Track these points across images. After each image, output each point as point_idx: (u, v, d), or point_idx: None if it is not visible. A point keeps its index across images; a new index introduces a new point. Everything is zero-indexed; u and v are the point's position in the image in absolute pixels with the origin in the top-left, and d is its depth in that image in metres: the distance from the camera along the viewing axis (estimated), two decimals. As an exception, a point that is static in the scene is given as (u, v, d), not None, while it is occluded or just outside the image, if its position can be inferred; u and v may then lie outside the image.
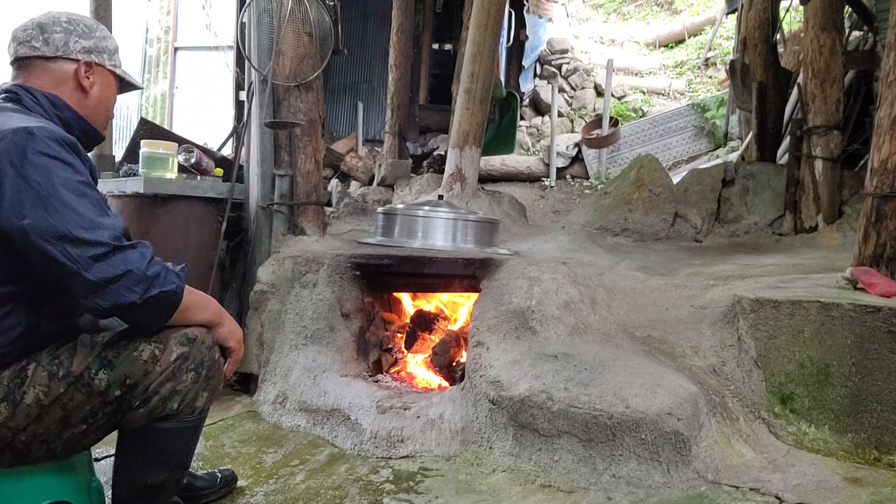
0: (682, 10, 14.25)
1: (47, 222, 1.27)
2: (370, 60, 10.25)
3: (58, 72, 1.52)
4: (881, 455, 2.14)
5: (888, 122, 2.66)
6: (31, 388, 1.38)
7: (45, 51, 1.51)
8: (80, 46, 1.54)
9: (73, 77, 1.54)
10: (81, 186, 1.33)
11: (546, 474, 2.07)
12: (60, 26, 1.53)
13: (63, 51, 1.52)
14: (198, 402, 1.53)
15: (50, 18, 1.53)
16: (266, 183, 3.39)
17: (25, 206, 1.27)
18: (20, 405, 1.37)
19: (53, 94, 1.51)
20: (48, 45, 1.51)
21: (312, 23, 3.38)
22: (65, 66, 1.53)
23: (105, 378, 1.42)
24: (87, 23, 1.58)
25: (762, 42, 5.87)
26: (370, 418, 2.48)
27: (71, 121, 1.53)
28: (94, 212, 1.33)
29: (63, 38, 1.52)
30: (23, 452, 1.43)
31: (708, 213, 4.86)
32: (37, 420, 1.40)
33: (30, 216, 1.27)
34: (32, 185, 1.28)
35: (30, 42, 1.51)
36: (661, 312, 2.84)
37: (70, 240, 1.28)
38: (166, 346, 1.46)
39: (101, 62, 1.58)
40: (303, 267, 3.06)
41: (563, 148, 8.90)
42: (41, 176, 1.29)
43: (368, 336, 3.09)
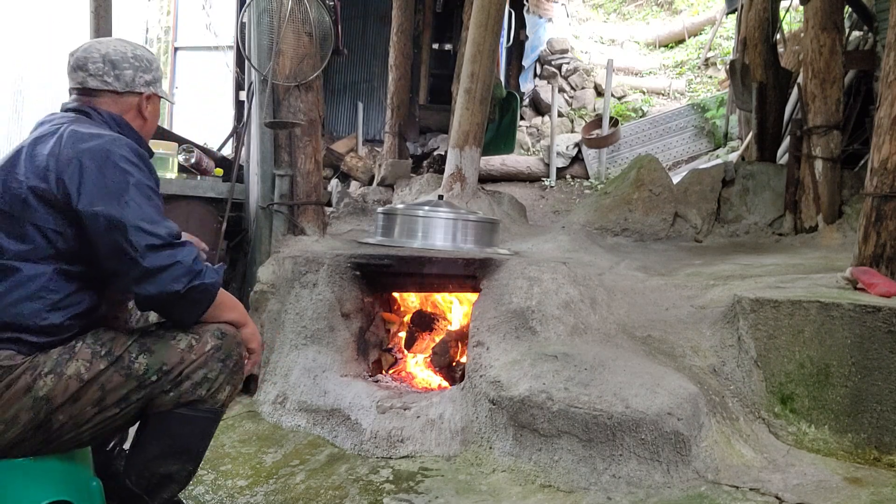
0: (682, 10, 14.24)
1: (117, 211, 1.45)
2: (370, 60, 10.24)
3: (125, 103, 1.71)
4: (881, 455, 2.14)
5: (888, 122, 2.66)
6: (74, 361, 1.49)
7: (117, 86, 1.69)
8: (143, 80, 1.73)
9: (136, 107, 1.73)
10: (149, 191, 1.53)
11: (546, 474, 2.07)
12: (129, 63, 1.70)
13: (131, 86, 1.70)
14: (220, 394, 1.62)
15: (119, 55, 1.69)
16: (266, 183, 3.39)
17: (101, 197, 1.46)
18: (63, 377, 1.46)
19: (118, 114, 1.69)
20: (119, 81, 1.69)
21: (312, 23, 3.38)
22: (131, 99, 1.72)
23: (144, 363, 1.53)
24: (147, 56, 1.77)
25: (762, 42, 5.87)
26: (370, 418, 2.47)
27: (136, 140, 1.70)
28: (156, 212, 1.51)
29: (132, 74, 1.70)
30: (53, 435, 1.48)
31: (708, 213, 4.86)
32: (73, 399, 1.47)
33: (102, 205, 1.45)
34: (109, 182, 1.48)
35: (102, 77, 1.67)
36: (661, 312, 2.84)
37: (133, 228, 1.45)
38: (202, 337, 1.60)
39: (156, 91, 1.77)
40: (303, 267, 3.06)
41: (563, 148, 8.90)
42: (118, 176, 1.49)
43: (368, 336, 3.09)
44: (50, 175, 1.47)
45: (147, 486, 1.60)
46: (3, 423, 1.43)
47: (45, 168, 1.48)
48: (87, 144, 1.50)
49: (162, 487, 1.62)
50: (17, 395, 1.43)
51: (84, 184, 1.46)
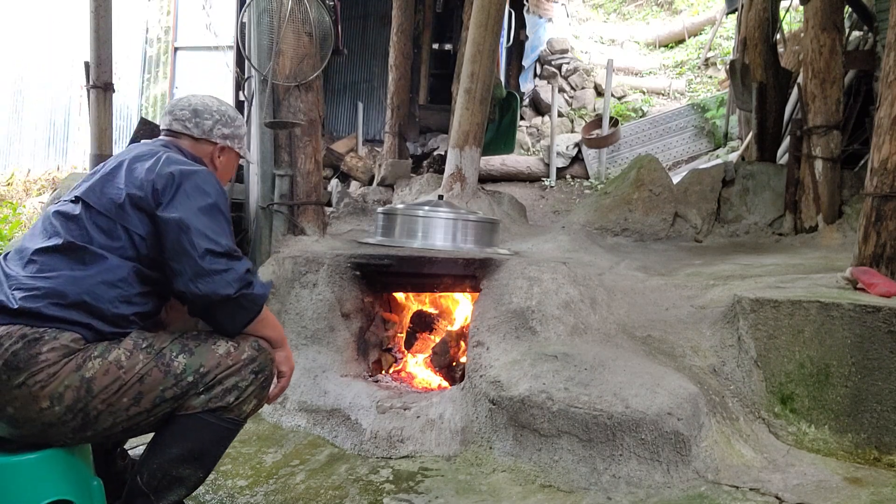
0: (682, 10, 14.25)
1: (189, 220, 1.60)
2: (370, 60, 10.25)
3: (200, 149, 1.90)
4: (881, 455, 2.14)
5: (888, 122, 2.66)
6: (117, 348, 1.58)
7: (195, 132, 1.89)
8: (221, 133, 1.92)
9: (210, 154, 1.92)
10: (221, 213, 1.68)
11: (546, 474, 2.07)
12: (210, 114, 1.90)
13: (208, 135, 1.90)
14: (246, 405, 1.68)
15: (204, 106, 1.91)
16: (266, 183, 3.39)
17: (181, 206, 1.63)
18: (105, 360, 1.54)
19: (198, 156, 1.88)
20: (198, 129, 1.89)
21: (312, 23, 3.38)
22: (206, 146, 1.91)
23: (184, 362, 1.61)
24: (231, 114, 1.96)
25: (762, 42, 5.87)
26: (370, 418, 2.47)
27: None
28: (223, 228, 1.66)
29: (210, 125, 1.90)
30: (90, 421, 1.53)
31: (708, 213, 4.86)
32: (115, 391, 1.54)
33: (181, 213, 1.61)
34: (192, 197, 1.65)
35: (184, 122, 1.88)
36: (661, 312, 2.84)
37: (197, 232, 1.59)
38: (240, 346, 1.68)
39: (232, 146, 1.96)
40: (303, 267, 3.06)
41: (563, 148, 8.90)
42: (199, 195, 1.66)
43: (368, 336, 3.09)
44: (146, 185, 1.64)
45: (157, 487, 1.62)
46: (51, 399, 1.47)
47: (144, 179, 1.65)
48: (182, 167, 1.69)
49: (171, 489, 1.64)
50: (70, 371, 1.49)
51: (173, 195, 1.64)
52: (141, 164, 1.70)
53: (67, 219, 1.64)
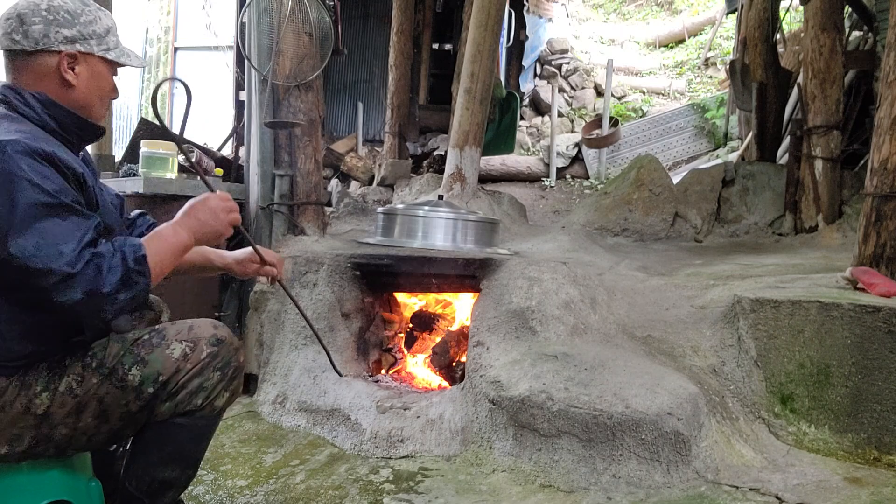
0: (682, 10, 14.24)
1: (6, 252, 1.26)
2: (370, 60, 10.24)
3: (40, 66, 1.44)
4: (881, 455, 2.13)
5: (888, 122, 2.66)
6: (66, 377, 1.43)
7: (26, 44, 1.41)
8: (62, 37, 1.43)
9: (56, 70, 1.44)
10: (40, 209, 1.28)
11: (546, 474, 2.07)
12: (39, 16, 1.41)
13: (43, 43, 1.42)
14: (218, 401, 1.58)
15: (30, 7, 1.42)
16: (266, 183, 3.39)
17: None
18: (56, 393, 1.42)
19: (42, 92, 1.44)
20: (28, 38, 1.41)
21: (312, 23, 3.38)
22: (47, 60, 1.43)
23: (138, 374, 1.48)
24: (70, 7, 1.45)
25: (762, 42, 5.87)
26: (370, 418, 2.48)
27: (64, 118, 1.47)
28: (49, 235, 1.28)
29: (42, 29, 1.41)
30: (64, 446, 1.47)
31: (708, 213, 4.86)
32: (76, 413, 1.44)
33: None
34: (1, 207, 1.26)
35: (10, 35, 1.42)
36: (661, 312, 2.84)
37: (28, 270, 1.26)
38: (197, 346, 1.53)
39: (87, 50, 1.47)
40: (303, 267, 3.06)
41: (563, 148, 8.89)
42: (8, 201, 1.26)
43: (368, 336, 3.09)
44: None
45: (147, 491, 1.60)
46: (9, 444, 1.42)
47: None
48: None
49: (162, 492, 1.61)
50: (17, 415, 1.39)
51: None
52: None
53: None
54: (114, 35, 1.55)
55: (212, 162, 3.59)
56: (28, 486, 1.49)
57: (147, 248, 1.37)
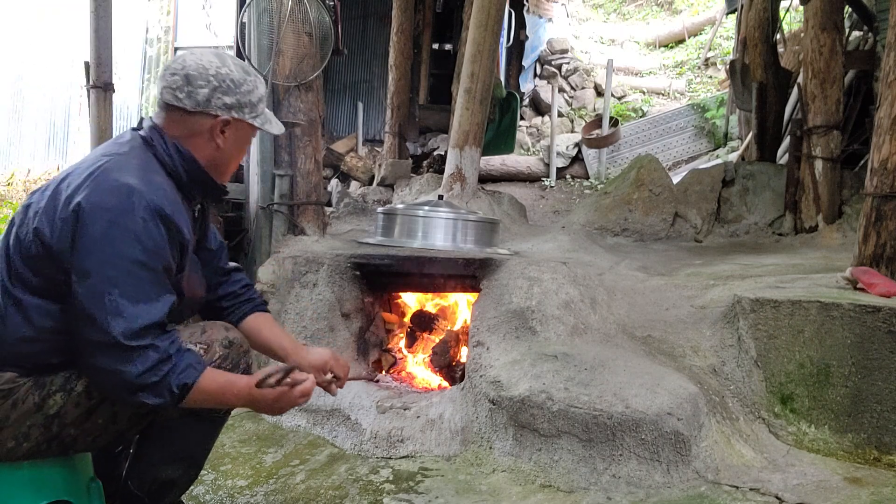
0: (682, 10, 14.24)
1: (82, 290, 1.33)
2: (370, 60, 10.24)
3: (194, 125, 1.52)
4: (881, 455, 2.13)
5: (888, 122, 2.66)
6: (84, 378, 1.43)
7: (187, 104, 1.49)
8: (222, 103, 1.52)
9: (209, 131, 1.53)
10: (135, 267, 1.35)
11: (546, 474, 2.07)
12: (206, 81, 1.49)
13: (204, 107, 1.50)
14: None
15: (198, 69, 1.49)
16: (266, 183, 3.39)
17: (78, 265, 1.33)
18: (72, 394, 1.42)
19: (186, 148, 1.52)
20: (190, 99, 1.49)
21: (312, 23, 3.38)
22: (202, 121, 1.52)
23: None
24: (235, 76, 1.53)
25: (762, 42, 5.87)
26: (370, 418, 2.48)
27: (197, 176, 1.54)
28: (128, 297, 1.33)
29: (207, 94, 1.50)
30: (68, 445, 1.47)
31: (708, 213, 4.86)
32: (87, 414, 1.44)
33: (77, 275, 1.33)
34: (93, 249, 1.33)
35: (175, 91, 1.49)
36: (661, 312, 2.84)
37: (88, 317, 1.33)
38: (210, 348, 1.55)
39: (240, 117, 1.55)
40: (303, 267, 3.06)
41: (563, 148, 8.90)
42: (104, 245, 1.33)
43: (368, 336, 3.09)
44: (50, 221, 1.36)
45: (149, 491, 1.60)
46: (15, 440, 1.42)
47: (49, 211, 1.37)
48: (93, 198, 1.35)
49: (164, 492, 1.62)
50: (28, 413, 1.40)
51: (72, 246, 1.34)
52: (66, 182, 1.39)
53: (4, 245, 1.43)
54: (263, 102, 1.63)
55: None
56: (28, 486, 1.48)
57: (200, 382, 1.40)
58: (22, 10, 10.50)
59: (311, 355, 1.77)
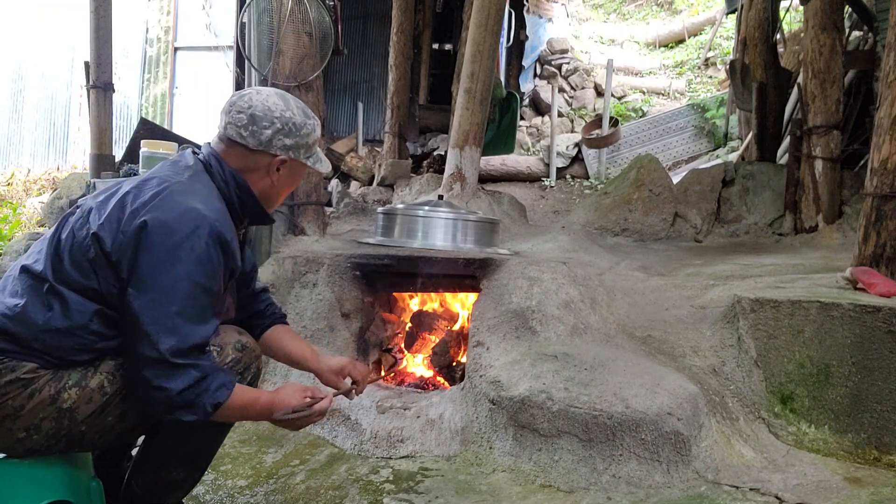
0: (682, 10, 14.24)
1: (141, 304, 1.38)
2: (370, 60, 10.24)
3: (254, 161, 1.59)
4: (881, 455, 2.13)
5: (888, 122, 2.67)
6: (98, 374, 1.47)
7: (250, 143, 1.57)
8: (282, 144, 1.59)
9: (266, 168, 1.61)
10: (194, 288, 1.41)
11: (546, 474, 2.07)
12: (270, 122, 1.57)
13: (266, 147, 1.58)
14: None
15: (264, 111, 1.57)
16: (266, 183, 3.39)
17: (139, 279, 1.39)
18: (86, 389, 1.45)
19: (242, 177, 1.59)
20: (254, 138, 1.56)
21: (312, 23, 3.38)
22: (262, 159, 1.59)
23: None
24: (297, 121, 1.61)
25: (762, 42, 5.87)
26: (370, 418, 2.48)
27: (249, 205, 1.62)
28: (184, 316, 1.40)
29: (270, 136, 1.57)
30: (76, 441, 1.48)
31: (708, 213, 4.86)
32: (99, 413, 1.47)
33: (136, 288, 1.39)
34: (157, 266, 1.39)
35: (239, 129, 1.56)
36: (661, 312, 2.84)
37: (143, 334, 1.38)
38: (224, 350, 1.59)
39: (296, 157, 1.63)
40: (303, 267, 3.06)
41: (563, 148, 8.90)
42: (169, 264, 1.39)
43: (368, 336, 3.09)
44: (113, 233, 1.42)
45: (153, 491, 1.60)
46: (26, 430, 1.43)
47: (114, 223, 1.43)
48: (160, 216, 1.41)
49: (168, 494, 1.63)
50: (42, 404, 1.42)
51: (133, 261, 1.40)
52: (133, 196, 1.46)
53: (53, 240, 1.48)
54: (318, 144, 1.72)
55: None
56: (29, 486, 1.49)
57: (232, 399, 1.46)
58: (22, 9, 10.50)
59: (331, 362, 1.86)
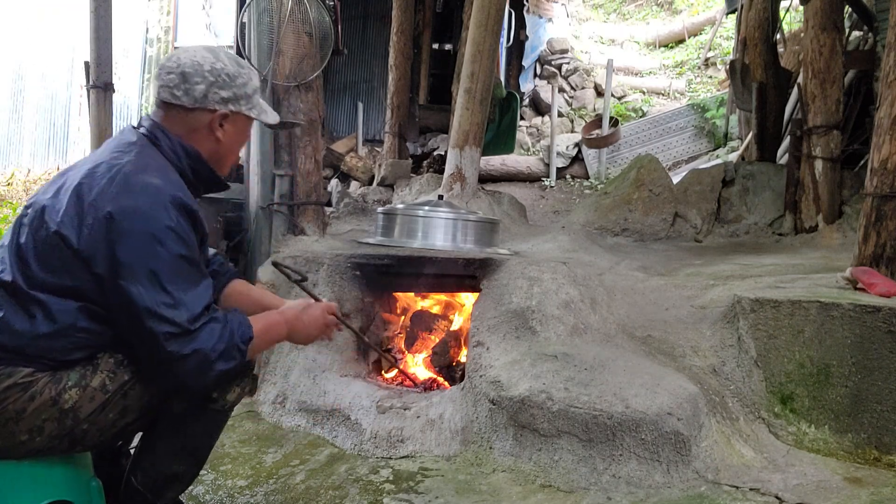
0: (682, 10, 14.24)
1: (138, 291, 1.37)
2: (370, 60, 10.25)
3: (194, 121, 1.56)
4: (881, 455, 2.13)
5: (888, 122, 2.67)
6: (99, 373, 1.46)
7: (185, 101, 1.53)
8: (219, 97, 1.55)
9: (208, 126, 1.57)
10: (180, 261, 1.42)
11: (546, 474, 2.07)
12: (202, 77, 1.53)
13: (202, 102, 1.54)
14: (230, 395, 1.61)
15: (194, 66, 1.52)
16: (266, 183, 3.39)
17: (126, 268, 1.38)
18: (87, 389, 1.44)
19: (189, 144, 1.56)
20: (188, 96, 1.53)
21: (312, 23, 3.38)
22: (201, 117, 1.56)
23: None
24: (230, 70, 1.57)
25: (762, 42, 5.87)
26: (370, 418, 2.48)
27: (201, 171, 1.59)
28: (181, 288, 1.41)
29: (204, 90, 1.53)
30: (77, 440, 1.48)
31: (708, 213, 4.86)
32: (101, 409, 1.46)
33: (126, 279, 1.37)
34: (139, 252, 1.38)
35: (172, 90, 1.53)
36: (661, 312, 2.84)
37: (151, 315, 1.38)
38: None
39: (237, 109, 1.59)
40: (303, 267, 3.06)
41: (563, 148, 8.90)
42: (150, 246, 1.38)
43: (368, 336, 3.09)
44: (77, 227, 1.39)
45: (153, 486, 1.61)
46: (29, 433, 1.42)
47: (75, 216, 1.40)
48: (123, 203, 1.38)
49: (167, 487, 1.63)
50: (44, 406, 1.41)
51: (111, 253, 1.37)
52: (87, 187, 1.41)
53: (13, 247, 1.44)
54: (258, 93, 1.67)
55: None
56: (29, 486, 1.49)
57: (255, 329, 1.51)
58: (22, 9, 10.49)
59: (299, 301, 1.86)
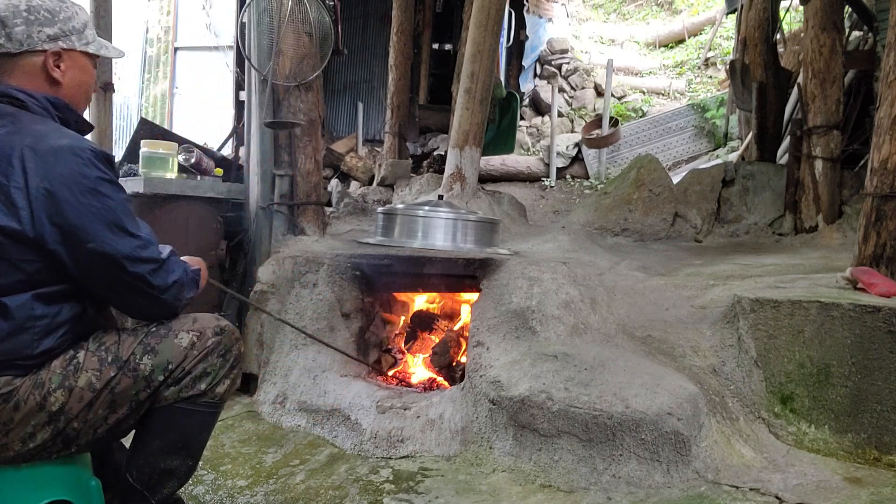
0: (682, 10, 14.23)
1: (111, 246, 1.40)
2: (370, 60, 10.24)
3: (27, 66, 1.46)
4: (881, 455, 2.14)
5: (888, 122, 2.66)
6: (84, 372, 1.46)
7: (10, 47, 1.44)
8: (45, 35, 1.46)
9: (42, 69, 1.48)
10: (126, 204, 1.45)
11: (546, 474, 2.07)
12: (21, 17, 1.43)
13: (28, 44, 1.44)
14: (220, 387, 1.63)
15: (8, 9, 1.43)
16: (266, 183, 3.39)
17: (89, 231, 1.38)
18: (74, 390, 1.45)
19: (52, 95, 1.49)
20: (11, 41, 1.43)
21: (312, 23, 3.38)
22: (32, 60, 1.46)
23: (149, 363, 1.53)
24: (49, 5, 1.47)
25: (762, 42, 5.87)
26: (370, 418, 2.48)
27: (70, 117, 1.54)
28: (138, 227, 1.46)
29: (25, 30, 1.44)
30: (72, 439, 1.49)
31: (708, 213, 4.86)
32: (89, 406, 1.47)
33: (94, 241, 1.39)
34: (93, 211, 1.38)
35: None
36: (661, 312, 2.84)
37: (132, 259, 1.43)
38: (203, 335, 1.61)
39: (70, 46, 1.50)
40: (303, 267, 3.06)
41: (563, 148, 8.90)
42: (99, 201, 1.39)
43: (368, 336, 3.09)
44: (22, 213, 1.34)
45: (148, 482, 1.61)
46: (22, 441, 1.43)
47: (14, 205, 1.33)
48: (54, 171, 1.35)
49: (163, 483, 1.63)
50: (31, 413, 1.41)
51: (66, 217, 1.35)
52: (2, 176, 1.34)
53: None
54: (91, 28, 1.59)
55: (212, 162, 3.59)
56: (28, 486, 1.49)
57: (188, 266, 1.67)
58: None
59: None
